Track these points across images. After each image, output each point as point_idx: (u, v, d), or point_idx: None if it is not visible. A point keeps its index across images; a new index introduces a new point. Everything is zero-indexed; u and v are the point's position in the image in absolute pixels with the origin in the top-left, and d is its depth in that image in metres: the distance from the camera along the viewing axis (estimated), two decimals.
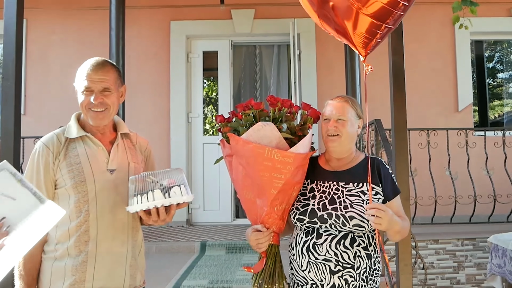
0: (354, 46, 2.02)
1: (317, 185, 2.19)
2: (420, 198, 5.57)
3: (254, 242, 2.09)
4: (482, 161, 5.91)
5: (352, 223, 2.01)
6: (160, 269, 4.73)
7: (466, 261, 5.41)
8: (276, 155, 1.97)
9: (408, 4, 1.86)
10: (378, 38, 1.99)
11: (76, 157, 1.99)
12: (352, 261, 2.02)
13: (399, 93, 3.46)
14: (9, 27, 3.52)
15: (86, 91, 1.99)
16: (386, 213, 1.91)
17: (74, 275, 1.92)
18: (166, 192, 1.86)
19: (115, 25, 5.38)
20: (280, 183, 2.00)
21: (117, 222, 2.01)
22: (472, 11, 5.37)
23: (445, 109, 7.24)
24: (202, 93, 7.45)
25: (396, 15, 1.88)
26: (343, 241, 2.03)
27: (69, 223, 1.95)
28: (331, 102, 2.21)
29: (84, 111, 2.02)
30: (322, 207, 2.08)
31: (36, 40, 7.19)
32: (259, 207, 2.09)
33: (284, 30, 6.98)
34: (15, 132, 3.46)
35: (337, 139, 2.14)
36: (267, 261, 2.12)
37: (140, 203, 1.85)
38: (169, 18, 7.26)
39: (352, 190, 2.11)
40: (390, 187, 2.14)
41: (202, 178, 7.15)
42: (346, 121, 2.14)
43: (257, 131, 2.01)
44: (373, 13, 1.84)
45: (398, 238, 2.15)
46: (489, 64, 8.24)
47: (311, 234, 2.08)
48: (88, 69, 2.01)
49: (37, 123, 6.71)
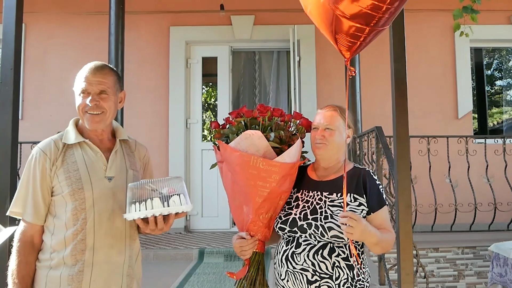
0: (338, 48, 1.97)
1: (302, 194, 2.19)
2: (420, 205, 5.53)
3: (238, 249, 2.11)
4: (482, 168, 5.87)
5: (331, 233, 2.00)
6: (158, 277, 4.68)
7: (467, 270, 5.38)
8: (262, 164, 1.98)
9: (392, 7, 1.74)
10: (362, 41, 1.91)
11: (74, 164, 1.95)
12: (330, 272, 2.00)
13: (401, 100, 3.42)
14: (8, 31, 3.48)
15: (83, 93, 1.97)
16: (358, 223, 1.90)
17: (70, 284, 1.88)
18: (165, 200, 1.83)
19: (114, 30, 5.36)
20: (266, 191, 2.01)
21: (115, 231, 1.97)
22: (473, 18, 5.36)
23: (445, 116, 7.22)
24: (201, 99, 7.42)
25: (380, 18, 1.77)
26: (321, 251, 2.01)
27: (65, 231, 1.90)
28: (321, 111, 2.23)
29: (80, 114, 1.99)
30: (303, 216, 2.08)
31: (34, 44, 7.15)
32: (245, 214, 2.09)
33: (284, 36, 6.97)
34: (12, 137, 3.42)
35: (323, 147, 2.15)
36: (250, 269, 2.13)
37: (138, 211, 1.81)
38: (168, 24, 7.24)
39: (334, 201, 2.10)
40: (376, 198, 2.12)
41: (201, 185, 7.10)
42: (334, 130, 2.15)
43: (245, 139, 2.02)
44: (352, 15, 1.73)
45: (379, 251, 2.12)
46: (487, 71, 8.24)
47: (291, 244, 2.08)
48: (87, 71, 1.99)
49: (35, 128, 6.67)
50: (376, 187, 2.14)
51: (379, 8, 1.69)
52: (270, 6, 7.18)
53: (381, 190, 2.15)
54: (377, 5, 1.68)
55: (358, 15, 1.73)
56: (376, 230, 2.00)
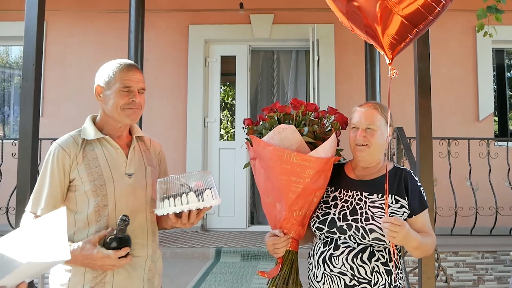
0: (382, 47, 1.95)
1: (340, 193, 2.10)
2: (440, 208, 5.46)
3: (271, 247, 2.03)
4: (503, 172, 5.78)
5: (372, 236, 1.92)
6: (175, 275, 4.67)
7: (487, 275, 5.29)
8: (295, 158, 1.91)
9: (441, 11, 1.79)
10: (406, 42, 1.92)
11: (95, 160, 1.95)
12: (369, 277, 1.92)
13: (425, 100, 3.38)
14: (29, 28, 3.52)
15: (125, 91, 1.97)
16: (402, 228, 1.81)
17: (96, 277, 1.88)
18: (200, 195, 1.83)
19: (134, 28, 5.36)
20: (299, 187, 1.95)
21: (137, 227, 1.97)
22: (497, 18, 5.24)
23: (466, 118, 7.11)
24: (219, 97, 7.41)
25: (428, 20, 1.82)
26: (361, 254, 1.94)
27: (88, 229, 1.90)
28: (359, 109, 2.10)
29: (118, 111, 1.97)
30: (343, 217, 2.00)
31: (55, 42, 7.20)
32: (278, 211, 2.03)
33: (303, 35, 6.92)
34: (33, 133, 3.45)
35: (365, 149, 2.05)
36: (283, 267, 2.06)
37: (173, 205, 1.82)
38: (187, 22, 7.24)
39: (375, 202, 2.01)
40: (418, 201, 2.03)
41: (218, 184, 7.05)
42: (376, 130, 2.04)
43: (278, 133, 1.97)
44: (408, 15, 1.78)
45: (419, 255, 2.05)
46: (508, 73, 8.10)
47: (329, 245, 2.00)
48: (127, 69, 2.00)
49: (55, 124, 6.70)
50: (418, 189, 2.05)
51: (432, 9, 1.78)
52: (289, 5, 7.14)
53: (422, 192, 2.07)
54: (432, 6, 1.76)
55: (413, 15, 1.78)
56: (417, 234, 1.92)
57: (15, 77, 7.81)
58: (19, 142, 3.48)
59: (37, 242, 1.46)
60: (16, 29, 5.80)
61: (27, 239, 1.48)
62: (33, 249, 1.43)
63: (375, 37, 1.93)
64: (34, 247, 1.44)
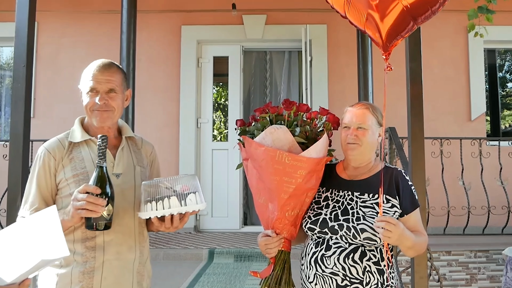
0: (381, 37, 1.94)
1: (332, 193, 2.11)
2: (432, 208, 5.47)
3: (264, 247, 2.04)
4: (495, 171, 5.80)
5: (363, 236, 1.93)
6: (167, 277, 4.66)
7: (479, 274, 5.31)
8: (287, 159, 1.92)
9: (439, 8, 1.79)
10: (402, 34, 1.93)
11: (81, 162, 1.94)
12: (361, 277, 1.93)
13: (416, 100, 3.39)
14: (20, 29, 3.49)
15: (91, 92, 1.95)
16: (397, 227, 1.82)
17: (82, 281, 1.86)
18: (183, 199, 1.81)
19: (126, 29, 5.34)
20: (291, 187, 1.96)
21: (124, 228, 1.95)
22: (488, 19, 5.26)
23: (458, 118, 7.14)
24: (212, 98, 7.40)
25: (427, 14, 1.82)
26: (353, 254, 1.94)
27: (73, 232, 1.89)
28: (351, 109, 2.12)
29: (88, 113, 1.98)
30: (334, 217, 2.01)
31: (46, 42, 7.16)
32: (271, 211, 2.04)
33: (296, 36, 6.92)
34: (24, 134, 3.43)
35: (356, 148, 2.06)
36: (275, 267, 2.07)
37: (155, 209, 1.80)
38: (180, 23, 7.22)
39: (367, 201, 2.02)
40: (409, 200, 2.04)
41: (211, 184, 7.07)
42: (367, 130, 2.06)
43: (270, 134, 1.98)
44: (412, 3, 1.78)
45: (412, 254, 2.06)
46: (499, 73, 8.15)
47: (321, 245, 2.01)
48: (94, 69, 1.97)
49: (46, 126, 6.66)
50: (409, 188, 2.06)
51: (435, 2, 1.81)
52: (282, 6, 7.13)
53: (413, 191, 2.08)
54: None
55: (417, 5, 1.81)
56: (411, 233, 1.93)
57: (6, 78, 7.76)
58: (10, 143, 3.45)
59: (35, 240, 1.48)
60: (7, 30, 5.76)
61: (23, 237, 1.49)
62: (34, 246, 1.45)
63: (374, 27, 1.92)
64: (33, 245, 1.45)
